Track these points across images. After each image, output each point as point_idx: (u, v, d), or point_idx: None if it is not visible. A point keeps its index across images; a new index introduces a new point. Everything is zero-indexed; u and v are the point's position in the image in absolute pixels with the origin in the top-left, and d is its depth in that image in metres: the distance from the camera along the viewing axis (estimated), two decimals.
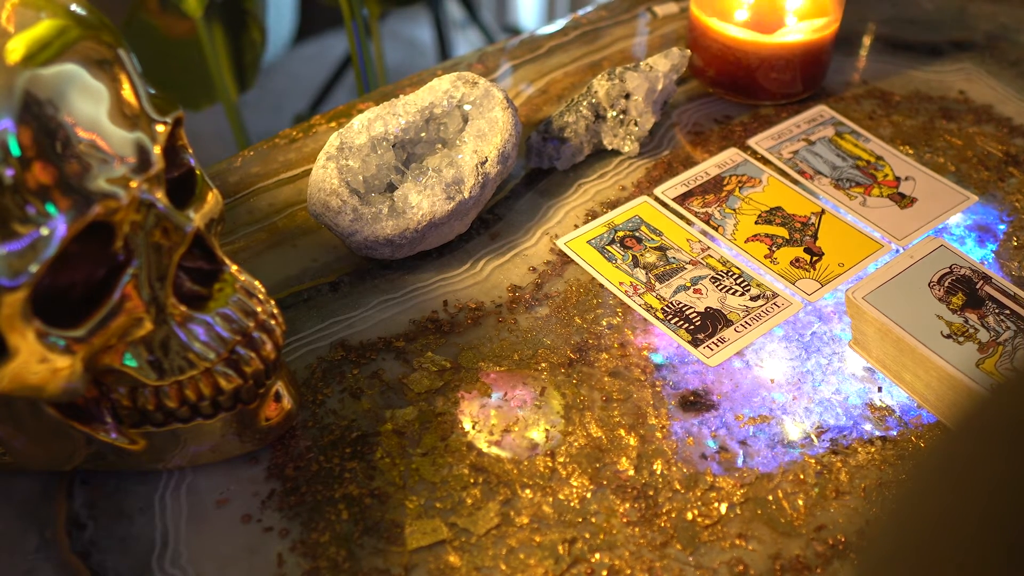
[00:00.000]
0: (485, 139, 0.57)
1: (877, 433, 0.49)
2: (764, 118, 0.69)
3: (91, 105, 0.38)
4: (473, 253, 0.58)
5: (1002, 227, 0.60)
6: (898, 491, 0.26)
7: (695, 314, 0.54)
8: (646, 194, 0.62)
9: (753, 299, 0.55)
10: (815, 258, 0.58)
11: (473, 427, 0.49)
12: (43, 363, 0.38)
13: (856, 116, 0.69)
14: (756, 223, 0.60)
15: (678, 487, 0.46)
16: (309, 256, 0.58)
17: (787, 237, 0.59)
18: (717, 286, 0.56)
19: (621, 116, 0.64)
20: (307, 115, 1.21)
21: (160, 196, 0.40)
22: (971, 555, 0.22)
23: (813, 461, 0.48)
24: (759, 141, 0.66)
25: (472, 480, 0.47)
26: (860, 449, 0.48)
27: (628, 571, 0.43)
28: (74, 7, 0.39)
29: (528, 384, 0.51)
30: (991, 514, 0.22)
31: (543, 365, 0.52)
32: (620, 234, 0.59)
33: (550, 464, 0.47)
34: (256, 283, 0.45)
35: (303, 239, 0.59)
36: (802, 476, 0.47)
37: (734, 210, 0.61)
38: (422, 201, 0.55)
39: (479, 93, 0.59)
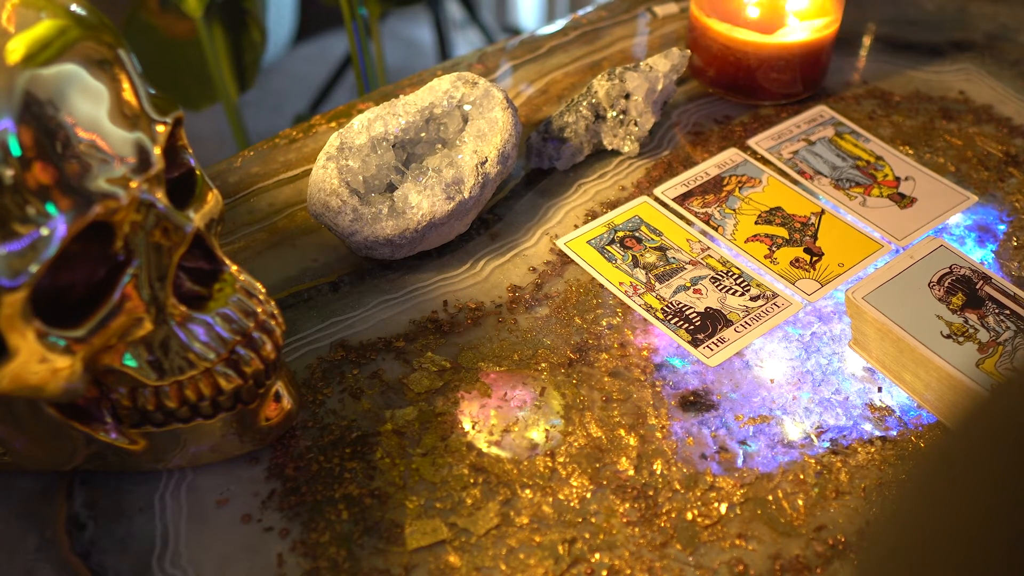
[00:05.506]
0: (485, 139, 0.57)
1: (877, 433, 0.49)
2: (764, 118, 0.69)
3: (91, 105, 0.38)
4: (473, 253, 0.58)
5: (1002, 227, 0.60)
6: (898, 491, 0.26)
7: (695, 314, 0.54)
8: (646, 194, 0.62)
9: (753, 299, 0.55)
10: (815, 258, 0.58)
11: (473, 427, 0.49)
12: (43, 363, 0.38)
13: (856, 116, 0.69)
14: (756, 223, 0.60)
15: (678, 487, 0.46)
16: (309, 256, 0.58)
17: (787, 237, 0.59)
18: (717, 286, 0.56)
19: (621, 116, 0.64)
20: (307, 115, 1.21)
21: (160, 196, 0.40)
22: (971, 555, 0.22)
23: (813, 461, 0.48)
24: (759, 141, 0.66)
25: (472, 480, 0.47)
26: (860, 449, 0.48)
27: (628, 571, 0.43)
28: (74, 7, 0.39)
29: (528, 384, 0.51)
30: (991, 514, 0.22)
31: (543, 365, 0.52)
32: (620, 234, 0.59)
33: (550, 464, 0.47)
34: (256, 283, 0.45)
35: (303, 239, 0.59)
36: (802, 476, 0.47)
37: (734, 210, 0.61)
38: (422, 201, 0.55)
39: (479, 93, 0.59)
